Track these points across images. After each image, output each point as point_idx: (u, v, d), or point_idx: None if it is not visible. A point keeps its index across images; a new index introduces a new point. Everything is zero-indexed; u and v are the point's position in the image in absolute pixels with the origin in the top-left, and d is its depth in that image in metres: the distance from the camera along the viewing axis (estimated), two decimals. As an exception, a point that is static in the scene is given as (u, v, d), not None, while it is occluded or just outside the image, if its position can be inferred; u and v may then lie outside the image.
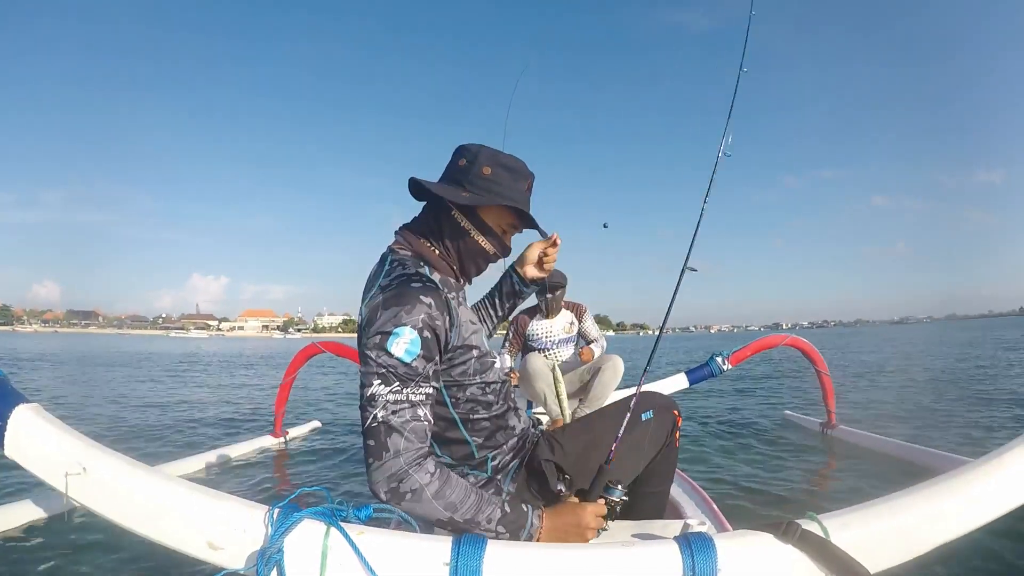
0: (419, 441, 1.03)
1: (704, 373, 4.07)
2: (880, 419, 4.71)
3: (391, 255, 1.20)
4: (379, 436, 1.01)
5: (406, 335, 1.03)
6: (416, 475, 1.01)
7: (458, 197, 1.16)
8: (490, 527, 1.04)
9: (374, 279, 1.16)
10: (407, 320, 1.03)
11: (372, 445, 1.01)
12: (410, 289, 1.07)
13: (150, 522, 0.94)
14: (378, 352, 1.03)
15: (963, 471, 1.03)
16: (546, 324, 3.74)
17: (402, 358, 1.02)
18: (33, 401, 1.04)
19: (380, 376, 1.02)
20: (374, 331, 1.05)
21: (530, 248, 1.42)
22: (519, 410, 1.35)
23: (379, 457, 1.00)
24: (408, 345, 1.03)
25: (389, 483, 1.00)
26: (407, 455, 1.01)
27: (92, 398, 6.98)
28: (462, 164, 1.19)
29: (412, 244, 1.21)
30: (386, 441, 1.00)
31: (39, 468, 0.98)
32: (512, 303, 1.49)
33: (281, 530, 0.88)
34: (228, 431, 4.83)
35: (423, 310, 1.05)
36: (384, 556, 0.88)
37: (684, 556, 0.87)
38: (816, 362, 4.10)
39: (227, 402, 6.83)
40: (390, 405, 1.01)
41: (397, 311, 1.04)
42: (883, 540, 0.94)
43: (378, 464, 1.01)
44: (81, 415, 5.53)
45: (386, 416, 1.01)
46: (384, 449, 1.00)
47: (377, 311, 1.06)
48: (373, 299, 1.09)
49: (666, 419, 1.41)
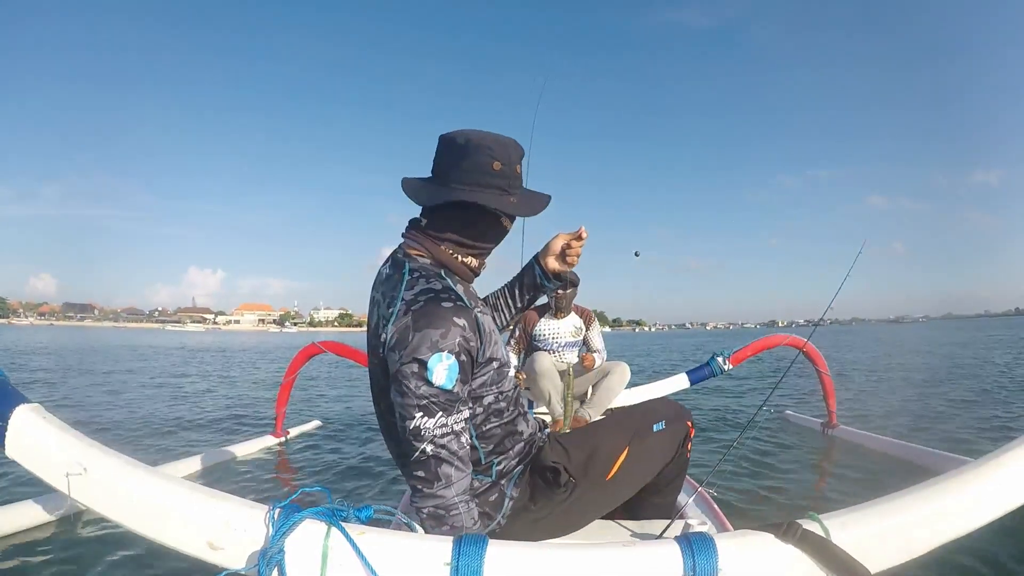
0: (466, 467, 1.05)
1: (705, 373, 4.07)
2: (866, 418, 4.72)
3: (408, 262, 1.15)
4: (430, 468, 1.02)
5: (444, 362, 1.00)
6: (464, 515, 1.03)
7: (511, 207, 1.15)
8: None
9: (393, 288, 1.11)
10: (444, 345, 1.00)
11: (422, 476, 1.02)
12: (442, 309, 1.03)
13: (151, 522, 0.94)
14: (417, 382, 1.00)
15: (964, 471, 1.03)
16: (554, 325, 3.71)
17: (443, 386, 1.01)
18: (33, 401, 1.04)
19: (422, 408, 1.01)
20: (409, 357, 1.01)
21: (555, 239, 1.33)
22: (527, 414, 1.33)
23: (431, 486, 1.02)
24: (448, 372, 1.01)
25: (437, 511, 1.02)
26: (458, 485, 1.03)
27: (92, 396, 6.98)
28: (497, 168, 1.11)
29: (430, 249, 1.17)
30: (437, 471, 1.02)
31: (40, 469, 0.98)
32: (532, 296, 1.41)
33: (282, 530, 0.88)
34: (229, 431, 4.83)
35: (458, 333, 1.02)
36: (385, 556, 0.88)
37: (685, 556, 0.87)
38: (817, 362, 4.10)
39: (228, 401, 6.83)
40: (437, 439, 1.01)
41: (432, 335, 1.00)
42: (884, 540, 0.94)
43: (430, 491, 1.02)
44: (79, 415, 5.53)
45: (435, 450, 1.01)
46: (436, 479, 1.02)
47: (408, 333, 1.02)
48: (399, 318, 1.05)
49: (678, 430, 1.38)
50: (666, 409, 1.40)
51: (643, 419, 1.36)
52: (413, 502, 1.05)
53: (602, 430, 1.36)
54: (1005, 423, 4.58)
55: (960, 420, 4.73)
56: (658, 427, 1.34)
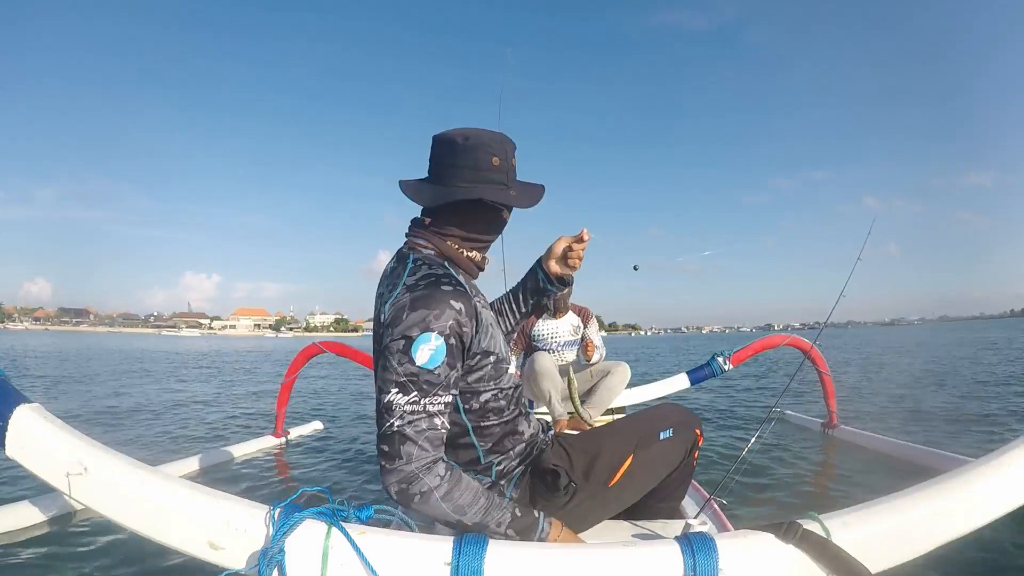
0: (433, 449, 1.04)
1: (705, 373, 4.07)
2: (861, 417, 4.71)
3: (413, 253, 1.17)
4: (393, 443, 1.01)
5: (432, 341, 1.01)
6: (426, 478, 1.02)
7: (514, 200, 1.18)
8: (499, 530, 1.04)
9: (396, 276, 1.13)
10: (435, 326, 1.02)
11: (386, 450, 1.02)
12: (440, 292, 1.05)
13: (151, 522, 0.94)
14: (400, 357, 1.02)
15: (964, 471, 1.03)
16: (552, 324, 3.71)
17: (425, 365, 1.01)
18: (34, 401, 1.04)
19: (399, 385, 1.02)
20: (399, 334, 1.02)
21: (557, 241, 1.33)
22: (529, 415, 1.32)
23: (391, 461, 1.01)
24: (433, 352, 1.02)
25: (399, 485, 1.02)
26: (418, 462, 1.02)
27: (91, 401, 6.99)
28: (496, 163, 1.14)
29: (435, 243, 1.19)
30: (399, 448, 1.01)
31: (41, 468, 0.98)
32: (536, 300, 1.41)
33: (282, 530, 0.88)
34: (229, 431, 4.83)
35: (452, 316, 1.04)
36: (385, 556, 0.88)
37: (685, 556, 0.87)
38: (817, 362, 4.10)
39: (228, 402, 6.84)
40: (407, 415, 1.01)
41: (425, 315, 1.02)
42: (884, 540, 0.94)
43: (390, 467, 1.02)
44: (77, 417, 5.53)
45: (402, 426, 1.01)
46: (397, 456, 1.01)
47: (403, 311, 1.03)
48: (399, 298, 1.06)
49: (686, 438, 1.36)
50: (675, 415, 1.38)
51: (650, 426, 1.34)
52: (382, 482, 1.04)
53: (607, 436, 1.34)
54: (996, 420, 4.58)
55: (959, 421, 4.73)
56: (665, 435, 1.33)
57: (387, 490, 1.03)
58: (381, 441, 1.02)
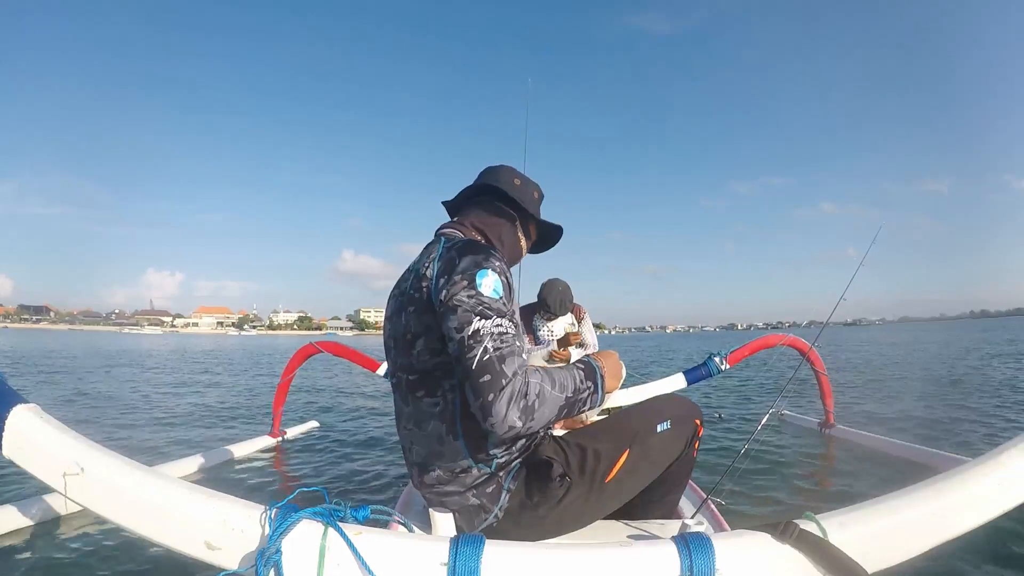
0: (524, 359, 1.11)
1: (702, 373, 4.07)
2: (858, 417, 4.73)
3: (445, 236, 1.27)
4: (495, 366, 1.03)
5: (490, 275, 1.10)
6: (532, 379, 1.07)
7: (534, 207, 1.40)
8: (586, 386, 1.16)
9: (431, 252, 1.22)
10: (487, 264, 1.11)
11: (489, 379, 1.03)
12: (482, 247, 1.16)
13: (148, 522, 0.94)
14: (468, 292, 1.08)
15: (961, 470, 1.03)
16: (549, 323, 3.72)
17: (492, 295, 1.09)
18: (31, 402, 1.04)
19: (478, 313, 1.07)
20: (459, 275, 1.10)
21: None
22: None
23: (499, 384, 1.02)
24: (495, 284, 1.10)
25: (517, 402, 1.03)
26: (522, 372, 1.06)
27: (75, 400, 6.97)
28: (517, 183, 1.38)
29: (463, 232, 1.32)
30: (503, 369, 1.03)
31: (38, 469, 0.98)
32: None
33: (279, 530, 0.88)
34: (226, 431, 4.82)
35: (498, 261, 1.14)
36: (382, 556, 0.88)
37: (682, 556, 0.88)
38: (814, 362, 4.10)
39: (223, 401, 6.82)
40: (496, 337, 1.05)
41: (476, 259, 1.12)
42: (881, 540, 0.95)
43: (500, 390, 1.02)
44: (70, 418, 5.52)
45: (497, 346, 1.05)
46: (503, 376, 1.03)
47: (454, 261, 1.12)
48: (444, 256, 1.16)
49: (686, 429, 1.36)
50: (673, 407, 1.38)
51: (646, 420, 1.34)
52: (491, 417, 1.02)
53: (602, 432, 1.34)
54: (988, 419, 4.60)
55: (954, 420, 4.74)
56: (662, 427, 1.32)
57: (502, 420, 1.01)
58: (480, 372, 1.03)
